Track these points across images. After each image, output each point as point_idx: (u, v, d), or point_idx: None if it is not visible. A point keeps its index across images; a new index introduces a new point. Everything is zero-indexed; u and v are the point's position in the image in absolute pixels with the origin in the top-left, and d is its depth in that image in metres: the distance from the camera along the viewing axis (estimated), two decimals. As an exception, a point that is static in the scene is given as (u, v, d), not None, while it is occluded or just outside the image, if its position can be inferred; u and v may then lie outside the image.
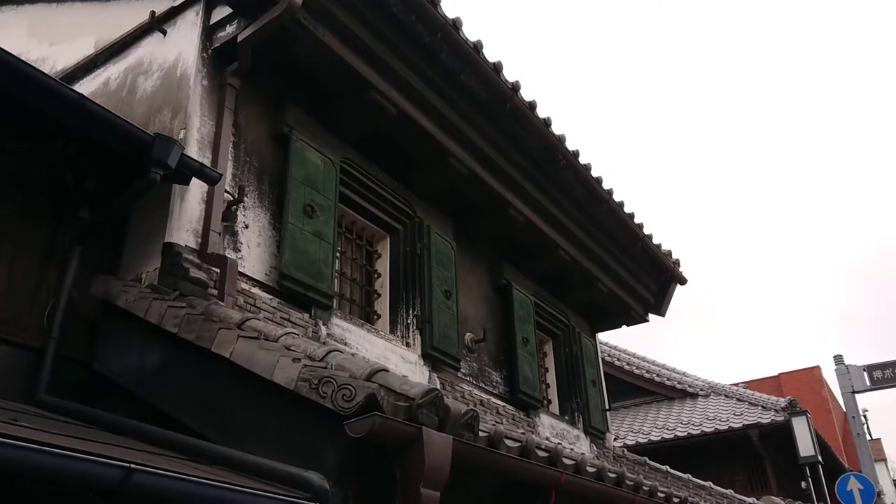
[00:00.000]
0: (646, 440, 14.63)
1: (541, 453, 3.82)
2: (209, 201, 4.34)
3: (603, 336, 10.49)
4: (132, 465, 1.93)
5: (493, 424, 3.78)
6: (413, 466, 2.84)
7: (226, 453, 2.74)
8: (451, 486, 3.42)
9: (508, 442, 3.61)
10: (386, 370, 3.07)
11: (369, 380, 2.93)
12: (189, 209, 4.25)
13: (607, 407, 8.63)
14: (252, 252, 4.61)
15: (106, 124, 3.52)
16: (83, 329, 3.84)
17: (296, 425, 3.01)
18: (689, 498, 5.71)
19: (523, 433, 3.98)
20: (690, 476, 8.85)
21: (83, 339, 3.83)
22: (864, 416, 17.37)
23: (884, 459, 28.79)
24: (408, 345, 5.73)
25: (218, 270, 4.15)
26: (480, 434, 3.41)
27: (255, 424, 3.17)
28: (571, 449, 6.25)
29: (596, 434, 8.06)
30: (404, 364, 5.48)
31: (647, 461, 8.82)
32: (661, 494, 5.14)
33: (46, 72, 3.92)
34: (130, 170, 3.70)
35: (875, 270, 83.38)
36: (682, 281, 9.38)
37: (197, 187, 4.28)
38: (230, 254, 4.41)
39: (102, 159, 3.81)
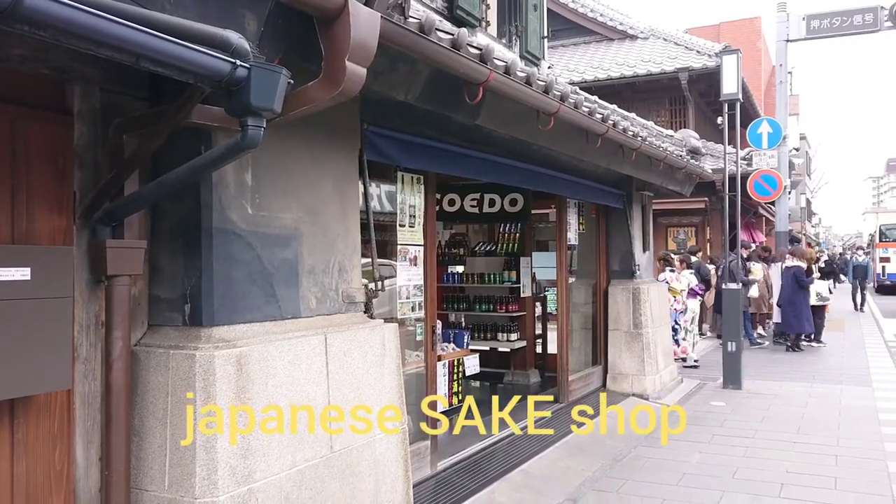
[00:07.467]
0: (580, 79, 14.87)
1: (473, 50, 3.77)
2: None
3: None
4: (21, -14, 1.75)
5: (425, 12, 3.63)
6: (338, 40, 2.75)
7: (133, 10, 2.55)
8: (381, 70, 3.40)
9: (440, 34, 3.52)
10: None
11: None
12: None
13: (545, 34, 8.51)
14: None
15: None
16: None
17: (212, -10, 2.80)
18: (612, 116, 5.95)
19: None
20: (616, 107, 9.15)
21: None
22: (790, 73, 17.89)
23: (797, 114, 30.60)
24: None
25: None
26: (412, 20, 3.30)
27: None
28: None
29: (531, 59, 8.06)
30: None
31: (577, 90, 9.00)
32: (585, 109, 5.32)
33: None
34: None
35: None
36: None
37: None
38: None
39: None
